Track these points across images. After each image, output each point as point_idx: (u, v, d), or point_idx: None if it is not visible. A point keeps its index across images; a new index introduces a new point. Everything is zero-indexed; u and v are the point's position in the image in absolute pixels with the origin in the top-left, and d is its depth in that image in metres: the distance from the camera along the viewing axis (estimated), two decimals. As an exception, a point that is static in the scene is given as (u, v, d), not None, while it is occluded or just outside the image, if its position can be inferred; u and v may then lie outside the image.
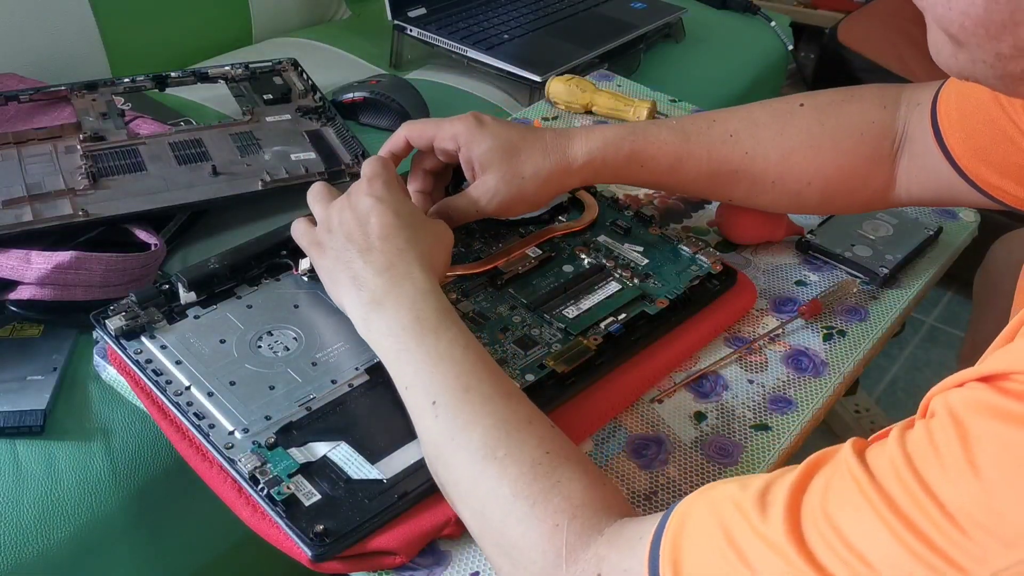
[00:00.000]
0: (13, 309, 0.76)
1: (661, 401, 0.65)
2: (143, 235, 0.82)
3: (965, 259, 0.85)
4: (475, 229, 0.75)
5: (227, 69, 1.06)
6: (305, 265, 0.67)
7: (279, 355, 0.62)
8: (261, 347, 0.63)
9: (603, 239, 0.75)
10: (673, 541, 0.43)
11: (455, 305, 0.67)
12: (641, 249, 0.74)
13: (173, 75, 1.03)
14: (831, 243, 0.79)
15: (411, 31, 1.27)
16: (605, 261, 0.73)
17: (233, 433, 0.57)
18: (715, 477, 0.60)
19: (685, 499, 0.45)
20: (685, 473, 0.60)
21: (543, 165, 0.68)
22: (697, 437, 0.63)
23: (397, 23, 1.27)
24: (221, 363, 0.61)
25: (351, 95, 1.10)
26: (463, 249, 0.73)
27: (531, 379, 0.61)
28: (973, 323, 1.07)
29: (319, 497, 0.53)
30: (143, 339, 0.62)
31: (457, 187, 0.75)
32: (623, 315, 0.67)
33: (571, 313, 0.67)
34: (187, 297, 0.65)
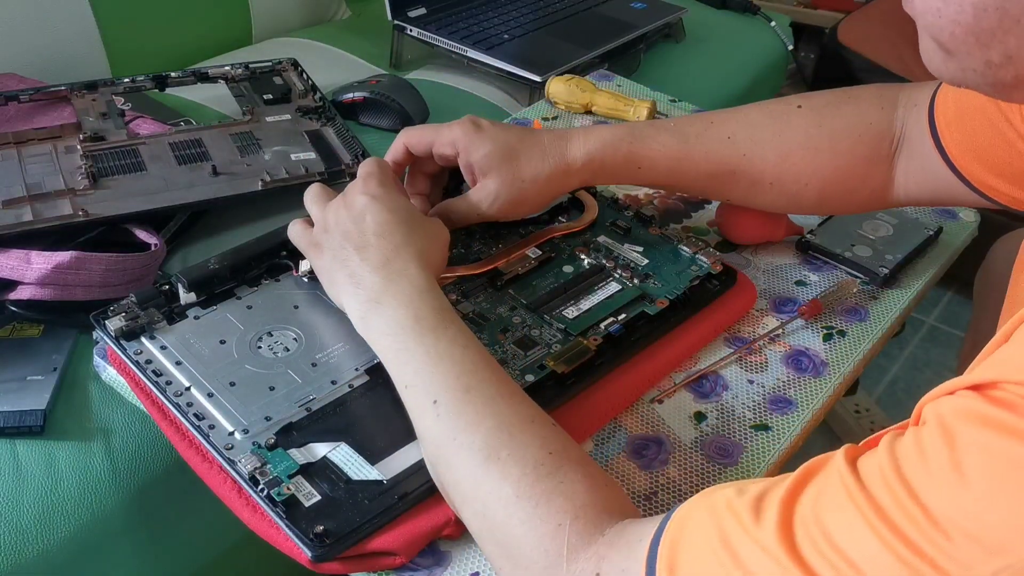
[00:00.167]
0: (13, 309, 0.76)
1: (661, 401, 0.65)
2: (143, 235, 0.82)
3: (965, 259, 0.85)
4: (475, 230, 0.75)
5: (227, 69, 1.06)
6: (305, 266, 0.67)
7: (279, 356, 0.62)
8: (261, 348, 0.63)
9: (603, 239, 0.75)
10: (671, 543, 0.43)
11: (455, 306, 0.67)
12: (641, 249, 0.74)
13: (173, 75, 1.03)
14: (831, 243, 0.79)
15: (411, 31, 1.27)
16: (605, 261, 0.73)
17: (233, 434, 0.57)
18: (715, 477, 0.60)
19: (685, 503, 0.45)
20: (685, 473, 0.60)
21: (542, 168, 0.68)
22: (697, 437, 0.63)
23: (397, 23, 1.27)
24: (221, 364, 0.61)
25: (351, 95, 1.10)
26: (463, 250, 0.73)
27: (531, 379, 0.61)
28: (973, 323, 1.07)
29: (319, 498, 0.53)
30: (143, 340, 0.62)
31: (456, 189, 0.75)
32: (623, 315, 0.67)
33: (571, 313, 0.67)
34: (187, 298, 0.65)
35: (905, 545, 0.36)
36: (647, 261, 0.73)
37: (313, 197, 0.65)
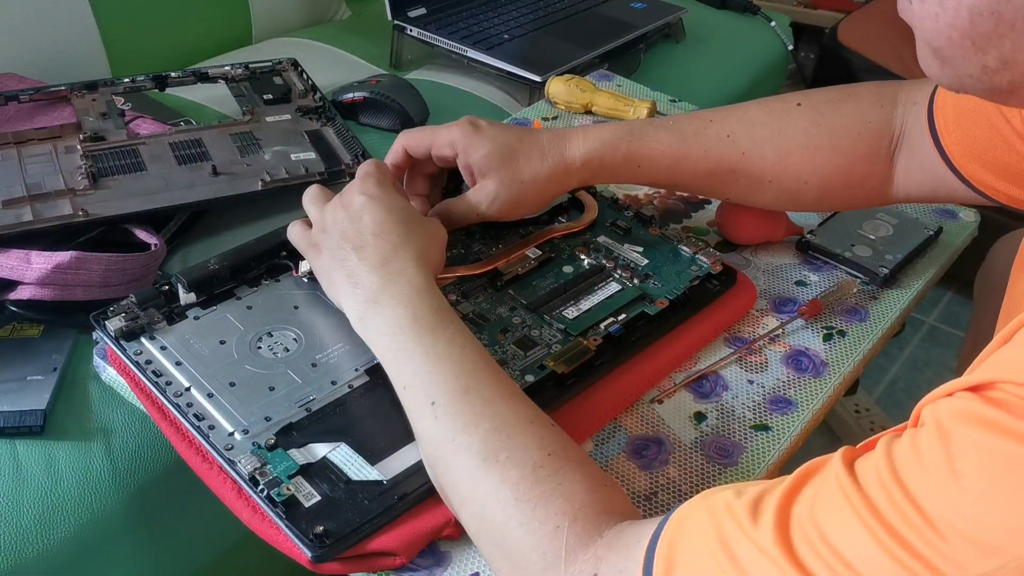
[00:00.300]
0: (13, 309, 0.76)
1: (661, 401, 0.65)
2: (143, 235, 0.82)
3: (965, 259, 0.85)
4: (475, 230, 0.75)
5: (227, 69, 1.06)
6: (305, 267, 0.67)
7: (279, 356, 0.62)
8: (261, 348, 0.63)
9: (603, 239, 0.75)
10: (668, 544, 0.43)
11: (455, 306, 0.67)
12: (641, 249, 0.74)
13: (173, 75, 1.03)
14: (831, 243, 0.79)
15: (411, 31, 1.27)
16: (605, 262, 0.73)
17: (233, 434, 0.57)
18: (715, 477, 0.60)
19: (684, 504, 0.45)
20: (685, 474, 0.60)
21: (541, 168, 0.68)
22: (697, 437, 0.63)
23: (397, 23, 1.27)
24: (221, 364, 0.61)
25: (351, 95, 1.10)
26: (463, 250, 0.73)
27: (531, 380, 0.61)
28: (973, 323, 1.07)
29: (319, 498, 0.53)
30: (143, 340, 0.62)
31: (456, 189, 0.75)
32: (623, 315, 0.67)
33: (571, 314, 0.67)
34: (187, 298, 0.65)
35: (900, 546, 0.36)
36: (647, 261, 0.73)
37: (311, 198, 0.65)
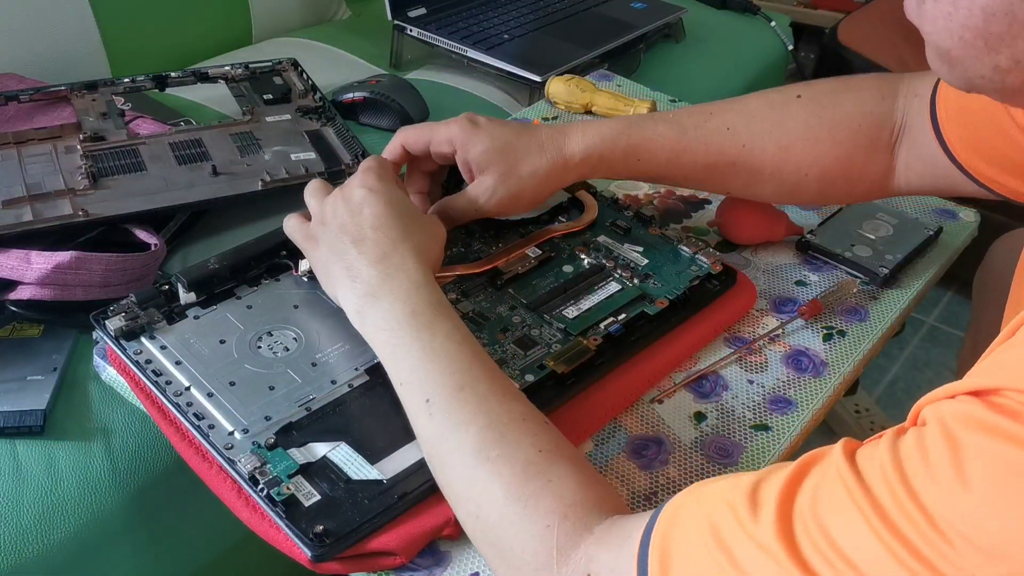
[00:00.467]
0: (13, 309, 0.76)
1: (661, 401, 0.65)
2: (143, 235, 0.82)
3: (965, 259, 0.85)
4: (475, 229, 0.75)
5: (227, 69, 1.06)
6: (304, 266, 0.67)
7: (279, 355, 0.62)
8: (261, 347, 0.63)
9: (603, 239, 0.75)
10: (662, 541, 0.43)
11: (455, 305, 0.67)
12: (641, 249, 0.74)
13: (173, 75, 1.03)
14: (831, 243, 0.79)
15: (411, 31, 1.27)
16: (605, 261, 0.73)
17: (233, 434, 0.57)
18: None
19: (674, 497, 0.45)
20: (685, 473, 0.60)
21: (540, 163, 0.68)
22: (697, 437, 0.63)
23: (397, 23, 1.27)
24: (221, 364, 0.61)
25: (351, 95, 1.10)
26: (463, 249, 0.73)
27: (531, 379, 0.61)
28: (973, 323, 1.07)
29: (319, 498, 0.53)
30: (143, 339, 0.62)
31: (456, 187, 0.75)
32: (623, 315, 0.67)
33: (571, 313, 0.67)
34: (187, 297, 0.65)
35: (906, 548, 0.36)
36: (647, 261, 0.73)
37: (312, 191, 0.65)
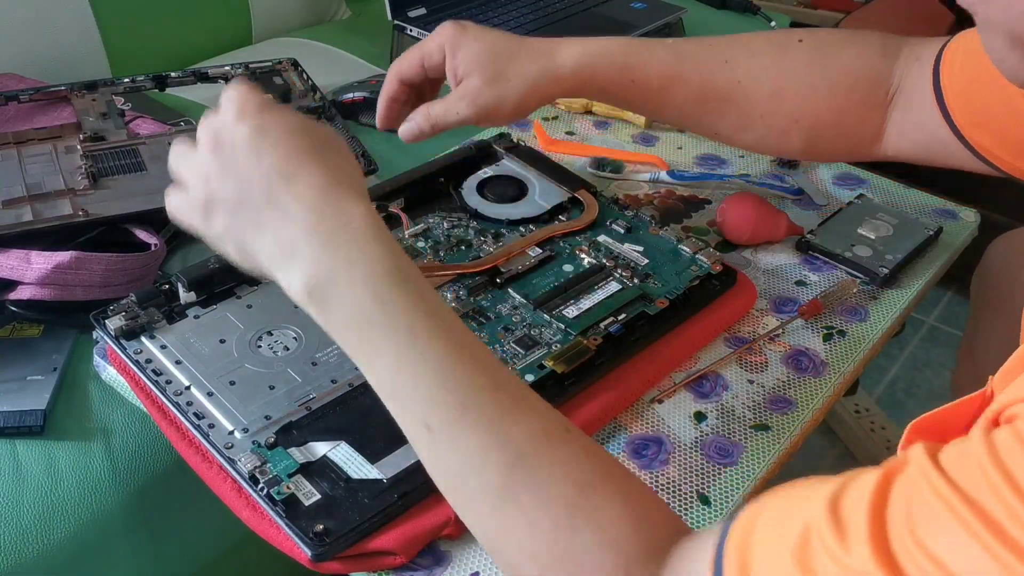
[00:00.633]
0: (13, 309, 0.76)
1: (661, 401, 0.65)
2: (143, 235, 0.82)
3: (965, 259, 0.85)
4: (475, 229, 0.75)
5: (227, 69, 1.06)
6: None
7: (279, 355, 0.62)
8: (261, 347, 0.63)
9: (603, 239, 0.75)
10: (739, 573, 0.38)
11: (455, 303, 0.67)
12: (641, 249, 0.74)
13: (173, 75, 1.02)
14: (831, 243, 0.79)
15: (411, 31, 1.27)
16: (605, 261, 0.73)
17: (233, 433, 0.57)
18: (715, 477, 0.60)
19: (736, 521, 0.40)
20: (685, 473, 0.60)
21: (529, 68, 0.65)
22: (697, 437, 0.63)
23: (397, 23, 1.27)
24: (221, 363, 0.61)
25: (351, 95, 1.10)
26: (463, 248, 0.73)
27: (531, 379, 0.61)
28: (971, 323, 1.07)
29: (319, 497, 0.53)
30: (143, 339, 0.63)
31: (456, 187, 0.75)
32: (623, 315, 0.67)
33: (571, 313, 0.67)
34: (187, 297, 0.65)
35: (1017, 555, 0.31)
36: (647, 261, 0.73)
37: (177, 154, 0.51)
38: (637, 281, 0.71)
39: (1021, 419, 0.34)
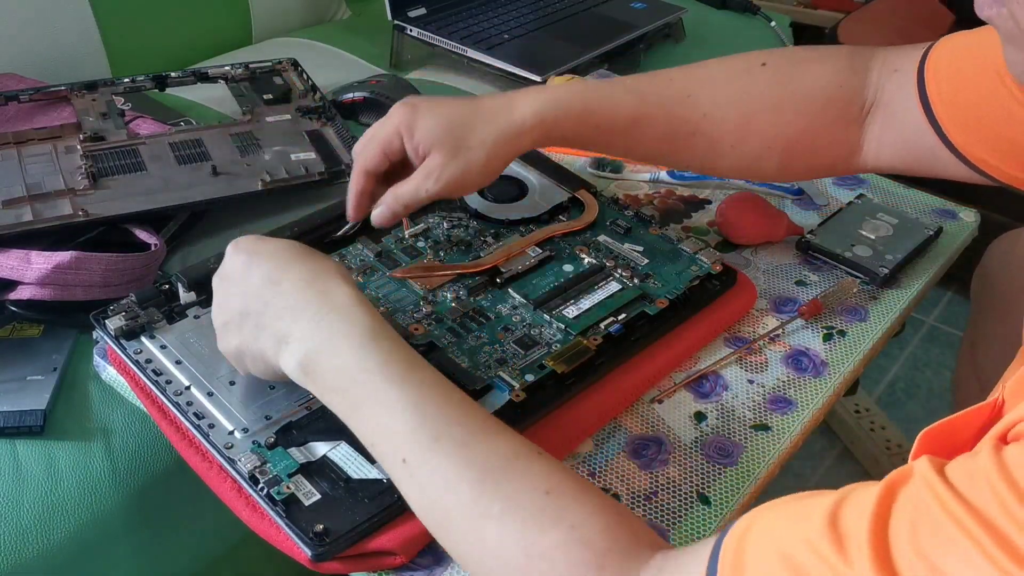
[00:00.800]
0: (13, 309, 0.76)
1: (661, 401, 0.65)
2: (143, 235, 0.82)
3: (965, 259, 0.85)
4: (475, 228, 0.75)
5: (227, 69, 1.06)
6: None
7: (279, 355, 0.62)
8: (261, 347, 0.63)
9: (603, 239, 0.75)
10: None
11: (454, 303, 0.67)
12: (641, 249, 0.74)
13: (173, 75, 1.03)
14: (831, 243, 0.79)
15: (411, 31, 1.27)
16: (605, 261, 0.73)
17: (233, 433, 0.57)
18: (715, 477, 0.60)
19: (733, 531, 0.40)
20: (685, 473, 0.60)
21: (488, 132, 0.64)
22: (697, 437, 0.63)
23: (397, 23, 1.27)
24: (221, 363, 0.61)
25: (351, 95, 1.10)
26: (463, 248, 0.73)
27: (531, 379, 0.61)
28: (971, 324, 1.07)
29: (319, 497, 0.53)
30: (143, 339, 0.63)
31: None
32: (623, 315, 0.67)
33: (571, 313, 0.67)
34: (187, 297, 0.65)
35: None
36: (647, 261, 0.73)
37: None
38: (637, 281, 0.71)
39: None
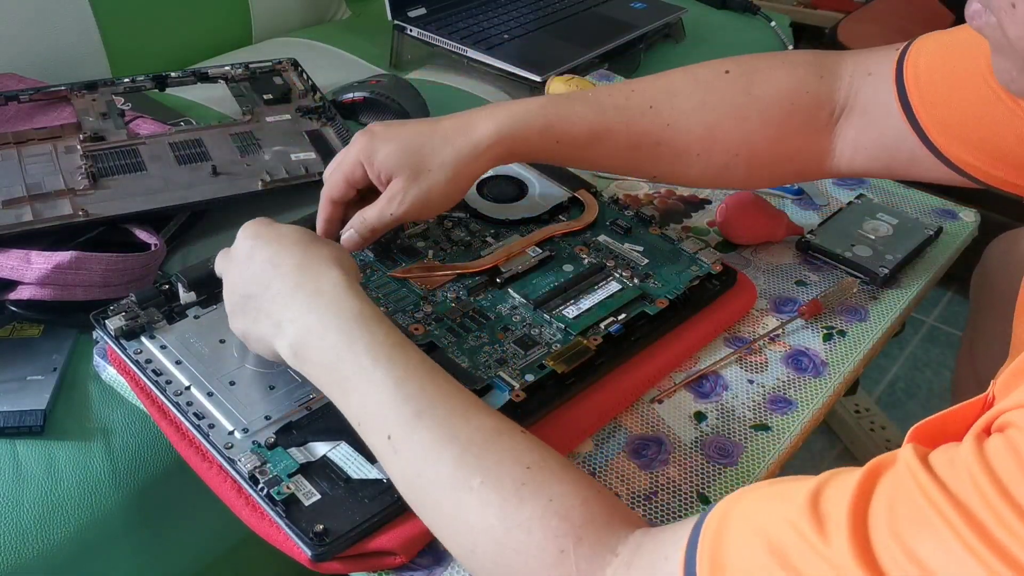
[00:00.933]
0: (13, 309, 0.76)
1: (661, 401, 0.65)
2: (143, 235, 0.82)
3: (965, 259, 0.85)
4: (475, 228, 0.75)
5: (227, 69, 1.06)
6: None
7: (279, 355, 0.62)
8: (261, 347, 0.63)
9: (603, 239, 0.75)
10: (711, 563, 0.39)
11: (454, 303, 0.67)
12: (641, 249, 0.74)
13: (173, 75, 1.03)
14: (831, 243, 0.79)
15: (411, 31, 1.27)
16: (605, 261, 0.73)
17: (233, 433, 0.57)
18: (715, 477, 0.60)
19: (714, 511, 0.41)
20: (685, 473, 0.60)
21: (447, 154, 0.64)
22: (697, 437, 0.63)
23: (397, 23, 1.27)
24: (221, 363, 0.61)
25: (351, 95, 1.10)
26: (463, 248, 0.73)
27: (531, 379, 0.61)
28: (970, 324, 1.07)
29: (319, 497, 0.53)
30: (143, 339, 0.63)
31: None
32: (623, 315, 0.67)
33: (571, 313, 0.67)
34: (187, 297, 0.65)
35: (1003, 559, 0.31)
36: (647, 261, 0.73)
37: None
38: (637, 281, 0.71)
39: (1014, 427, 0.34)
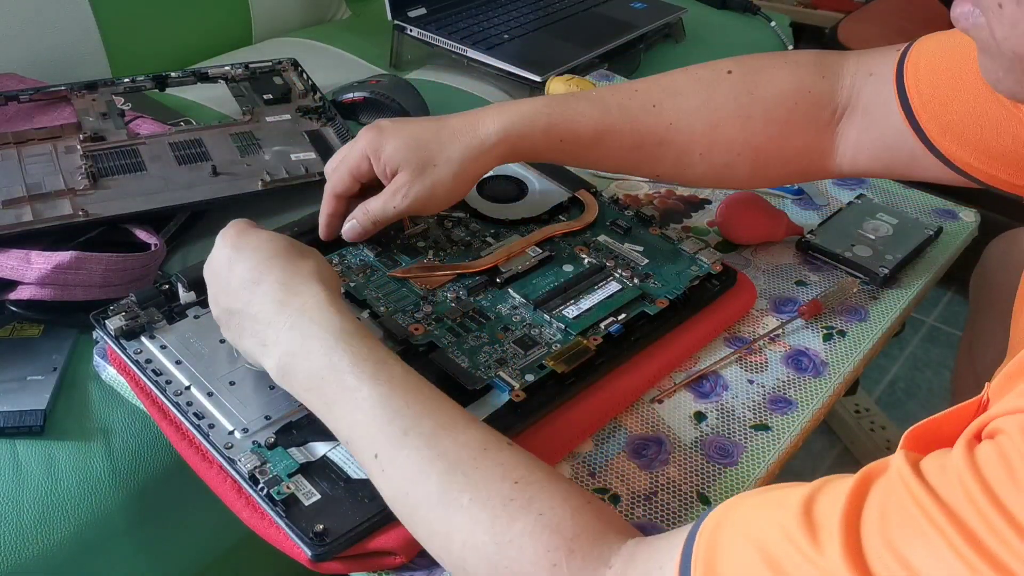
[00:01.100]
0: (13, 309, 0.76)
1: (661, 401, 0.65)
2: (143, 235, 0.82)
3: (965, 259, 0.85)
4: (475, 228, 0.75)
5: (227, 69, 1.06)
6: None
7: (279, 355, 0.62)
8: (261, 347, 0.63)
9: (603, 239, 0.75)
10: (705, 572, 0.39)
11: (454, 303, 0.67)
12: (641, 249, 0.74)
13: (173, 75, 1.03)
14: (831, 243, 0.79)
15: (411, 31, 1.27)
16: (605, 261, 0.73)
17: (233, 433, 0.57)
18: (715, 477, 0.60)
19: (706, 518, 0.41)
20: (685, 473, 0.60)
21: (454, 150, 0.65)
22: (697, 437, 0.63)
23: (397, 23, 1.27)
24: (221, 363, 0.61)
25: (351, 95, 1.10)
26: (463, 248, 0.73)
27: (531, 379, 0.61)
28: (969, 324, 1.07)
29: (319, 497, 0.53)
30: (143, 339, 0.63)
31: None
32: (623, 315, 0.67)
33: (571, 313, 0.67)
34: (187, 297, 0.65)
35: (995, 568, 0.31)
36: (647, 261, 0.73)
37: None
38: (637, 281, 0.71)
39: (1004, 434, 0.34)
